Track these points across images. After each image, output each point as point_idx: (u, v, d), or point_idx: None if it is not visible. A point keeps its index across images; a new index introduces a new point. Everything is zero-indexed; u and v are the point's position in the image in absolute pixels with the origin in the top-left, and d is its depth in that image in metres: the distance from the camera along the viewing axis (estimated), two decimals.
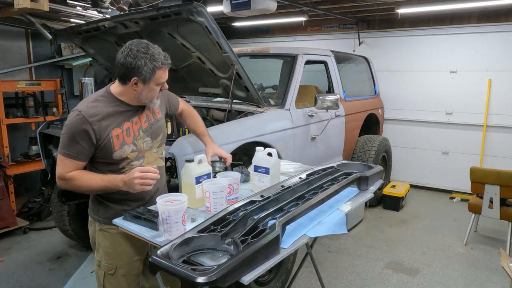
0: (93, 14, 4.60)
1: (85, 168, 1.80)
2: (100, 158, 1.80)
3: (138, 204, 1.89)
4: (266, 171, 2.06)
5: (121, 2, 4.04)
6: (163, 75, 1.78)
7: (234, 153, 2.83)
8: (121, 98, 1.81)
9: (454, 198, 5.42)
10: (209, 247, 1.40)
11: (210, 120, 3.32)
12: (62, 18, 5.02)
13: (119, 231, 1.80)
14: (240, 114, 3.20)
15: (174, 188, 2.51)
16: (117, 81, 1.81)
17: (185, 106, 2.33)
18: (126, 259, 1.94)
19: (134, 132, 1.84)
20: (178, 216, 1.51)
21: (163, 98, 2.05)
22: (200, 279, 1.14)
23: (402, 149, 5.96)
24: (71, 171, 1.74)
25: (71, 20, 5.10)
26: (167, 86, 1.86)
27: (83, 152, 1.73)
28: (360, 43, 6.12)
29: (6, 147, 4.38)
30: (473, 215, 3.92)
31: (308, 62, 3.90)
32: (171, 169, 2.76)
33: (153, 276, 2.16)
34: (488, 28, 5.13)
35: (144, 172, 1.65)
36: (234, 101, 3.24)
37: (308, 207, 1.64)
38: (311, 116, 3.70)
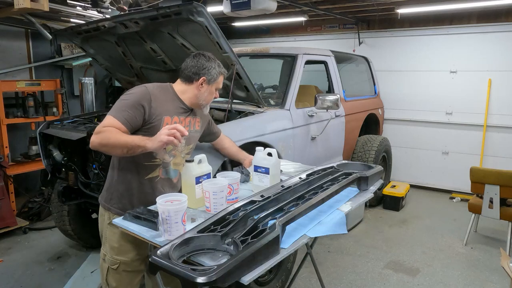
0: (93, 14, 4.60)
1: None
2: (145, 133, 1.83)
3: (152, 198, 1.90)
4: (266, 171, 2.06)
5: (121, 2, 4.04)
6: (221, 82, 2.04)
7: None
8: (180, 96, 1.98)
9: (454, 198, 5.42)
10: (209, 247, 1.40)
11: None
12: (62, 18, 5.02)
13: None
14: (240, 114, 3.19)
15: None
16: (179, 81, 2.00)
17: (227, 138, 2.48)
18: (130, 256, 1.98)
19: None
20: (178, 216, 1.51)
21: (207, 119, 2.22)
22: (200, 279, 1.14)
23: (402, 149, 5.96)
24: (109, 124, 1.77)
25: (71, 20, 5.10)
26: (218, 96, 2.07)
27: (131, 121, 1.79)
28: (360, 43, 6.12)
29: (6, 147, 4.37)
30: (473, 215, 3.92)
31: (308, 62, 3.89)
32: None
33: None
34: (488, 28, 5.13)
35: (172, 128, 1.69)
36: (234, 101, 3.24)
37: (308, 207, 1.64)
38: (311, 116, 3.70)
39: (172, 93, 1.97)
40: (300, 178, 2.06)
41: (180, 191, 2.15)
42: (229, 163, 2.77)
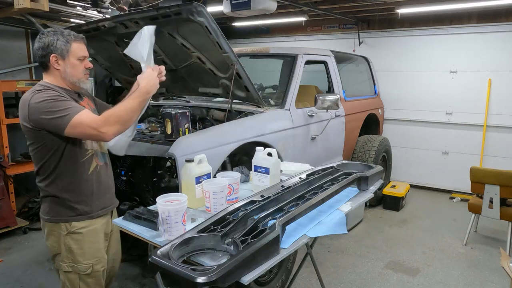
0: (93, 14, 4.60)
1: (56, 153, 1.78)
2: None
3: (105, 195, 1.94)
4: (266, 171, 2.06)
5: (121, 2, 4.04)
6: (80, 47, 1.84)
7: (234, 153, 2.83)
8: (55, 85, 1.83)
9: (454, 198, 5.42)
10: (209, 247, 1.40)
11: (210, 120, 3.32)
12: (62, 18, 5.01)
13: (89, 229, 1.85)
14: (240, 114, 3.19)
15: (174, 188, 2.51)
16: (43, 74, 1.85)
17: None
18: (101, 254, 1.96)
19: None
20: (178, 216, 1.51)
21: (90, 97, 2.11)
22: (200, 279, 1.14)
23: (402, 149, 5.96)
24: (95, 115, 1.73)
25: (71, 20, 5.10)
26: (90, 64, 1.90)
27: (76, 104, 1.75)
28: (360, 43, 6.12)
29: (6, 147, 4.37)
30: (473, 215, 3.92)
31: (308, 62, 3.89)
32: (171, 169, 2.76)
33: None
34: (488, 28, 5.13)
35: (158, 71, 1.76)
36: (234, 101, 3.24)
37: (308, 207, 1.64)
38: (311, 116, 3.70)
39: (51, 86, 1.80)
40: (300, 178, 2.06)
41: (175, 190, 2.15)
42: (229, 163, 2.77)
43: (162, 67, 1.83)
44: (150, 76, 1.78)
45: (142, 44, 1.77)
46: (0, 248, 3.88)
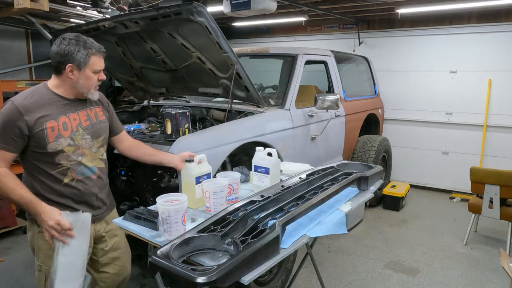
0: (93, 14, 4.60)
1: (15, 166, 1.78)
2: (35, 148, 1.78)
3: (80, 207, 1.89)
4: (266, 171, 2.06)
5: (121, 2, 4.04)
6: (98, 62, 1.83)
7: (234, 153, 2.83)
8: (57, 91, 1.84)
9: (454, 198, 5.42)
10: (209, 247, 1.40)
11: (210, 120, 3.32)
12: (62, 18, 5.02)
13: None
14: (240, 114, 3.19)
15: (174, 188, 2.51)
16: (53, 75, 1.84)
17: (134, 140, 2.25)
18: None
19: (72, 127, 1.84)
20: (178, 216, 1.51)
21: (109, 109, 2.07)
22: (200, 279, 1.14)
23: (402, 149, 5.96)
24: (4, 165, 1.74)
25: (71, 20, 5.10)
26: (104, 77, 1.89)
27: (13, 143, 1.73)
28: (360, 43, 6.12)
29: None
30: (473, 215, 3.92)
31: (308, 62, 3.89)
32: (171, 169, 2.76)
33: (105, 278, 2.11)
34: (488, 28, 5.13)
35: (58, 225, 1.69)
36: (234, 101, 3.24)
37: (308, 207, 1.64)
38: (311, 116, 3.70)
39: (48, 93, 1.82)
40: (300, 178, 2.06)
41: (175, 190, 2.13)
42: (229, 163, 2.77)
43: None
44: (42, 225, 1.73)
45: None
46: (0, 248, 3.88)
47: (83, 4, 4.34)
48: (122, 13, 3.89)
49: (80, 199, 1.90)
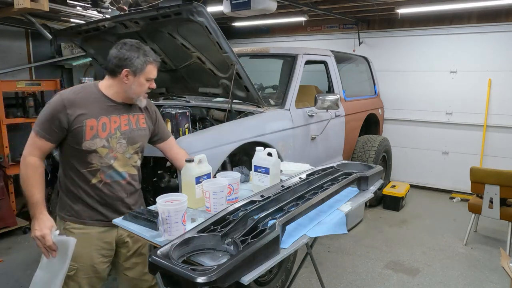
0: (93, 14, 4.60)
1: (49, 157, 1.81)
2: (72, 143, 1.81)
3: (105, 209, 1.91)
4: (266, 171, 2.06)
5: (121, 2, 4.04)
6: (153, 71, 1.88)
7: (234, 153, 2.83)
8: (106, 92, 1.87)
9: (454, 198, 5.42)
10: (209, 247, 1.40)
11: (210, 120, 3.32)
12: (62, 18, 5.02)
13: (82, 232, 1.83)
14: (240, 114, 3.19)
15: (174, 188, 2.51)
16: (106, 76, 1.88)
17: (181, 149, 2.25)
18: (87, 262, 1.90)
19: (111, 129, 1.86)
20: (178, 216, 1.51)
21: (153, 116, 2.09)
22: (200, 279, 1.14)
23: (402, 149, 5.96)
24: (36, 155, 1.78)
25: (71, 20, 5.10)
26: (154, 85, 1.94)
27: (53, 133, 1.77)
28: (360, 43, 6.12)
29: (6, 147, 4.37)
30: (473, 215, 3.92)
31: (308, 62, 3.89)
32: (171, 169, 2.76)
33: (126, 280, 2.11)
34: (488, 28, 5.13)
35: (43, 238, 1.74)
36: (234, 101, 3.24)
37: (308, 207, 1.64)
38: (311, 116, 3.70)
39: (96, 92, 1.86)
40: (300, 178, 2.06)
41: (175, 190, 2.13)
42: (229, 163, 2.77)
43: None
44: (32, 232, 1.78)
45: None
46: (0, 248, 3.88)
47: (83, 4, 4.34)
48: (122, 13, 3.89)
49: (105, 202, 1.91)
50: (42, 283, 1.79)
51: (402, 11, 5.02)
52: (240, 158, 3.08)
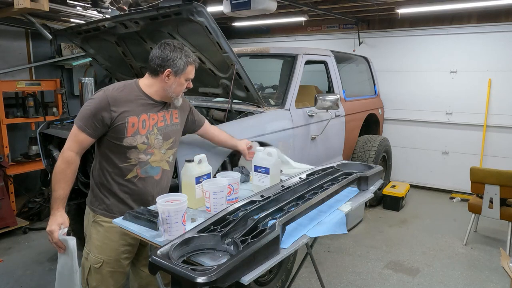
0: (93, 14, 4.60)
1: (90, 153, 1.83)
2: (112, 139, 1.86)
3: (136, 205, 1.93)
4: (266, 171, 2.06)
5: (121, 2, 4.05)
6: (192, 71, 1.95)
7: (234, 154, 2.83)
8: (146, 90, 1.92)
9: (454, 198, 5.42)
10: (209, 247, 1.40)
11: (210, 120, 3.32)
12: (62, 18, 5.02)
13: (112, 225, 1.83)
14: (240, 114, 3.19)
15: (174, 188, 2.51)
16: (147, 74, 1.93)
17: (213, 126, 2.43)
18: (113, 255, 1.96)
19: (149, 126, 1.92)
20: (178, 216, 1.51)
21: (186, 107, 2.15)
22: (200, 279, 1.14)
23: (402, 149, 5.96)
24: (74, 150, 1.82)
25: (71, 20, 5.10)
26: (191, 85, 1.99)
27: (94, 128, 1.81)
28: (360, 43, 6.13)
29: (6, 147, 4.37)
30: (473, 215, 3.92)
31: (308, 62, 3.89)
32: None
33: (141, 277, 2.17)
34: (488, 28, 5.13)
35: (51, 234, 1.77)
36: (234, 101, 3.24)
37: (308, 207, 1.64)
38: (311, 116, 3.70)
39: (137, 90, 1.91)
40: (300, 178, 2.06)
41: (175, 190, 2.15)
42: (229, 163, 2.77)
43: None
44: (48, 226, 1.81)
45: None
46: (0, 248, 3.88)
47: (83, 4, 4.34)
48: (122, 13, 3.89)
49: (137, 197, 1.95)
50: (60, 276, 1.85)
51: (402, 11, 5.02)
52: (240, 158, 3.08)
